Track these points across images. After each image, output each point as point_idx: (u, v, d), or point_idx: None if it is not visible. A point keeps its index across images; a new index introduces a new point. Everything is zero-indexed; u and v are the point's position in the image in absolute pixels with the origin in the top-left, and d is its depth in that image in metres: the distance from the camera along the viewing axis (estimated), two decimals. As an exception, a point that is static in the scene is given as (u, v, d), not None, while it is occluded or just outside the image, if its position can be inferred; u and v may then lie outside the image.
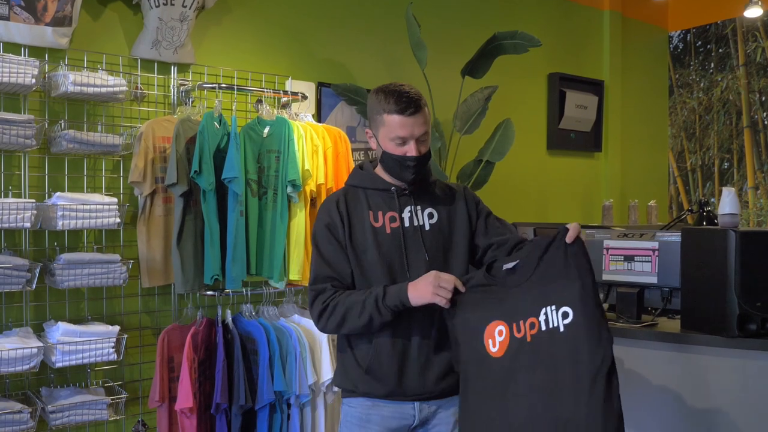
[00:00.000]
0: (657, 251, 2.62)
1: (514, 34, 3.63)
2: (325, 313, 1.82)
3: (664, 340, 2.52)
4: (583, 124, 4.96)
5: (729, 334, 2.33)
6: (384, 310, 1.76)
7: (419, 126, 1.82)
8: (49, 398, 2.71)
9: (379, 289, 1.79)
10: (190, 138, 2.92)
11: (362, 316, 1.78)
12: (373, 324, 1.79)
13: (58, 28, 2.81)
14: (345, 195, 1.92)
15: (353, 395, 1.90)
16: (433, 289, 1.73)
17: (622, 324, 2.61)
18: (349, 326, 1.81)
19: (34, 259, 2.76)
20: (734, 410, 2.37)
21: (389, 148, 1.86)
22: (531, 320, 1.71)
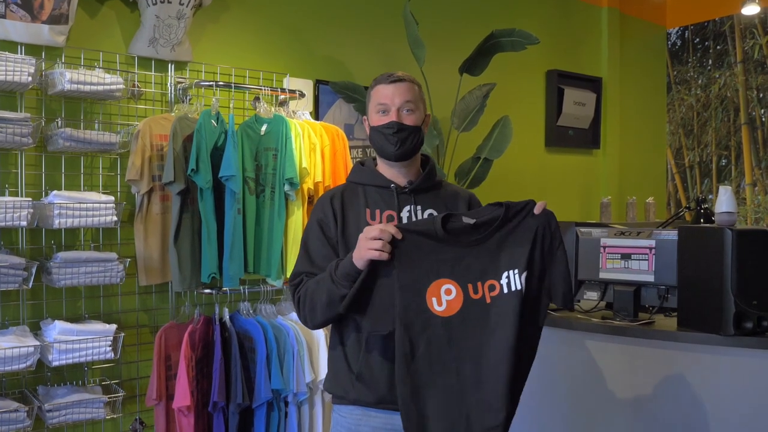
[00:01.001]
0: (654, 249, 2.62)
1: (511, 32, 3.63)
2: (300, 305, 1.75)
3: (661, 338, 2.52)
4: (581, 121, 4.96)
5: (725, 333, 2.33)
6: (338, 280, 1.66)
7: (401, 94, 1.79)
8: (46, 397, 2.71)
9: (334, 262, 1.71)
10: (187, 136, 2.91)
11: (323, 294, 1.69)
12: (333, 299, 1.67)
13: (54, 26, 2.80)
14: (342, 191, 1.86)
15: (343, 402, 1.82)
16: (364, 244, 1.61)
17: (618, 322, 2.62)
18: (320, 310, 1.71)
19: (30, 258, 2.75)
20: (730, 408, 2.38)
21: (374, 121, 1.82)
22: (490, 282, 1.66)
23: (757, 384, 2.35)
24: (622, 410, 2.61)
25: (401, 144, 1.79)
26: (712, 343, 2.39)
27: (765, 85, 5.19)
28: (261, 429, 2.95)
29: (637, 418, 2.56)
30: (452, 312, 1.64)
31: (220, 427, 2.88)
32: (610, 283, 2.73)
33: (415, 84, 1.84)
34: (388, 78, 1.81)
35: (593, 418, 2.68)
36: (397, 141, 1.78)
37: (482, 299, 1.65)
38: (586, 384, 2.71)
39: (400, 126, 1.78)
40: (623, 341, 2.60)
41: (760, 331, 2.35)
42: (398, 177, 1.85)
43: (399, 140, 1.78)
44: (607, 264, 2.73)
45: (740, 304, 2.33)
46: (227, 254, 2.91)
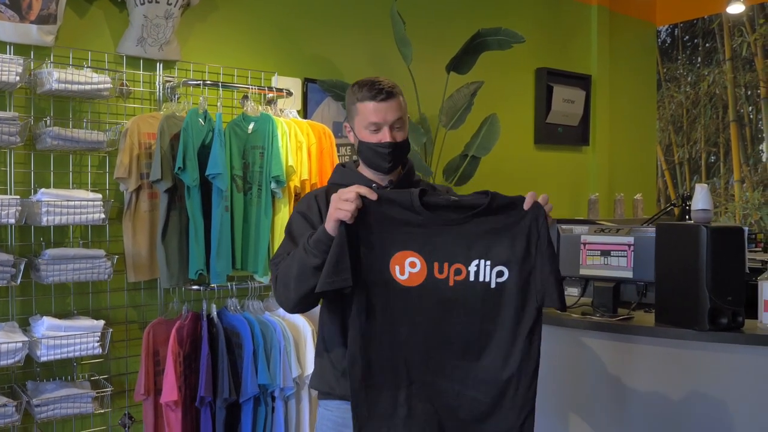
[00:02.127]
0: (632, 246, 2.66)
1: (497, 31, 3.66)
2: (276, 284, 1.75)
3: (638, 334, 2.57)
4: (570, 118, 5.00)
5: (700, 328, 2.37)
6: (310, 249, 1.66)
7: (392, 111, 1.81)
8: (35, 392, 2.75)
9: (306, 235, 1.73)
10: (174, 134, 2.95)
11: (294, 266, 1.69)
12: (305, 270, 1.66)
13: (43, 26, 2.83)
14: (326, 192, 1.86)
15: (330, 398, 1.86)
16: (335, 203, 1.63)
17: (598, 318, 2.66)
18: (293, 284, 1.69)
19: (20, 255, 2.80)
20: (706, 402, 2.42)
21: (364, 137, 1.84)
22: (457, 266, 1.65)
23: (731, 378, 2.39)
24: (601, 405, 2.65)
25: (394, 161, 1.85)
26: (687, 338, 2.43)
27: (753, 83, 5.23)
28: (248, 424, 2.99)
29: (614, 412, 2.61)
30: (413, 284, 1.64)
31: (207, 421, 2.93)
32: (591, 279, 2.78)
33: (401, 95, 1.85)
34: (376, 95, 1.79)
35: (572, 412, 2.73)
36: (391, 159, 1.83)
37: (446, 280, 1.65)
38: (566, 379, 2.75)
39: (394, 145, 1.82)
40: (602, 336, 2.65)
41: (734, 327, 2.39)
42: (380, 178, 1.89)
43: (393, 158, 1.84)
44: (588, 260, 2.77)
45: (715, 299, 2.37)
46: (214, 251, 2.95)
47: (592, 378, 2.68)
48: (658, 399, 2.51)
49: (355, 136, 1.88)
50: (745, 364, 2.38)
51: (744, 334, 2.37)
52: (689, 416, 2.44)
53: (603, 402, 2.65)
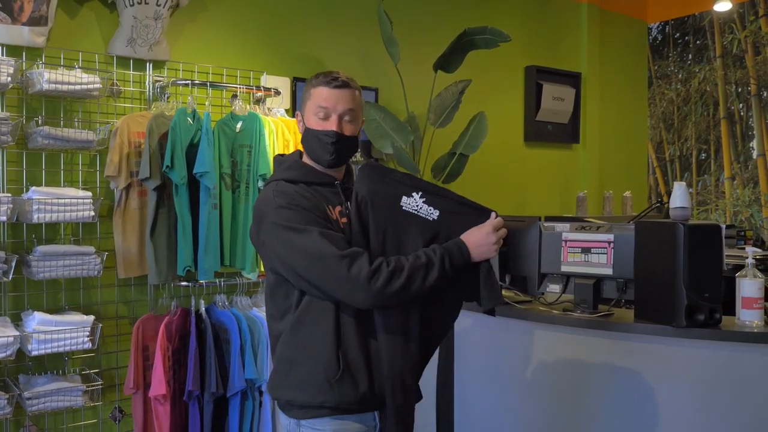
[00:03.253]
0: (612, 243, 2.70)
1: (484, 30, 3.70)
2: (394, 276, 1.63)
3: (617, 330, 2.61)
4: (560, 116, 5.04)
5: (677, 324, 2.40)
6: (450, 270, 1.69)
7: (344, 101, 1.75)
8: (27, 385, 2.81)
9: (441, 250, 1.71)
10: (163, 133, 3.00)
11: (429, 277, 1.66)
12: (442, 282, 1.69)
13: (34, 28, 2.88)
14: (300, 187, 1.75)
15: (320, 413, 1.69)
16: (496, 244, 1.81)
17: (578, 314, 2.71)
18: (417, 291, 1.65)
19: (12, 251, 2.85)
20: (683, 398, 2.46)
21: (311, 123, 1.76)
22: None
23: (708, 374, 2.44)
24: (581, 400, 2.70)
25: (337, 154, 1.76)
26: (665, 334, 2.47)
27: (743, 80, 5.26)
28: (235, 418, 3.05)
29: (594, 408, 2.66)
30: None
31: (195, 415, 2.99)
32: (572, 276, 2.82)
33: (357, 90, 1.80)
34: (332, 81, 1.75)
35: (553, 407, 2.78)
36: (333, 151, 1.75)
37: None
38: (547, 374, 2.80)
39: (339, 136, 1.74)
40: (582, 333, 2.69)
41: (712, 323, 2.43)
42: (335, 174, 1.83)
43: (336, 150, 1.75)
44: (569, 257, 2.81)
45: (692, 296, 2.40)
46: (202, 248, 3.01)
47: (571, 374, 2.72)
48: (637, 394, 2.56)
49: (303, 125, 1.80)
50: (722, 361, 2.42)
51: (720, 330, 2.40)
52: (667, 412, 2.49)
53: (581, 398, 2.70)
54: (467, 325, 3.10)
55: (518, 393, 2.88)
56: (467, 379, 3.10)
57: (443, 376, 3.17)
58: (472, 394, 3.08)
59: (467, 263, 1.72)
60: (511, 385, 2.91)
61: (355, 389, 1.68)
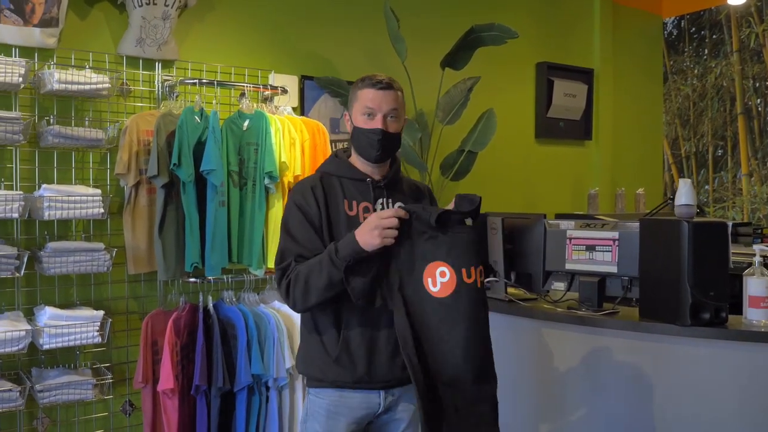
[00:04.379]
0: (617, 241, 2.69)
1: (491, 26, 3.69)
2: (290, 287, 1.83)
3: (620, 328, 2.60)
4: (572, 112, 5.01)
5: (682, 323, 2.39)
6: (339, 263, 1.77)
7: (388, 101, 1.90)
8: (39, 378, 2.87)
9: (332, 246, 1.81)
10: (171, 132, 3.04)
11: (321, 277, 1.79)
12: (334, 282, 1.78)
13: (45, 29, 2.94)
14: (320, 180, 1.96)
15: (321, 385, 1.92)
16: (380, 233, 1.76)
17: (582, 312, 2.70)
18: (315, 293, 1.80)
19: (25, 248, 2.92)
20: (688, 397, 2.44)
21: (359, 123, 1.93)
22: (481, 268, 1.85)
23: (713, 373, 2.42)
24: (585, 398, 2.70)
25: (382, 150, 1.92)
26: (670, 333, 2.45)
27: (761, 75, 5.19)
28: (242, 412, 3.09)
29: (598, 406, 2.65)
30: (445, 295, 1.81)
31: (203, 409, 3.02)
32: (576, 273, 2.81)
33: (400, 91, 1.96)
34: (377, 83, 1.90)
35: (558, 405, 2.78)
36: (380, 147, 1.91)
37: (474, 283, 1.83)
38: (550, 372, 2.80)
39: (385, 133, 1.90)
40: (586, 331, 2.68)
41: (717, 322, 2.40)
42: (373, 172, 1.97)
43: (382, 146, 1.91)
44: (573, 255, 2.80)
45: (697, 295, 2.38)
46: (209, 245, 3.05)
47: (576, 372, 2.72)
48: (641, 393, 2.54)
49: (352, 124, 1.96)
50: (728, 360, 2.40)
51: (726, 329, 2.38)
52: (671, 411, 2.47)
53: (587, 395, 2.69)
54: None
55: (522, 391, 2.88)
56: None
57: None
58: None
59: (357, 251, 1.77)
60: (514, 383, 2.90)
61: (353, 371, 1.88)
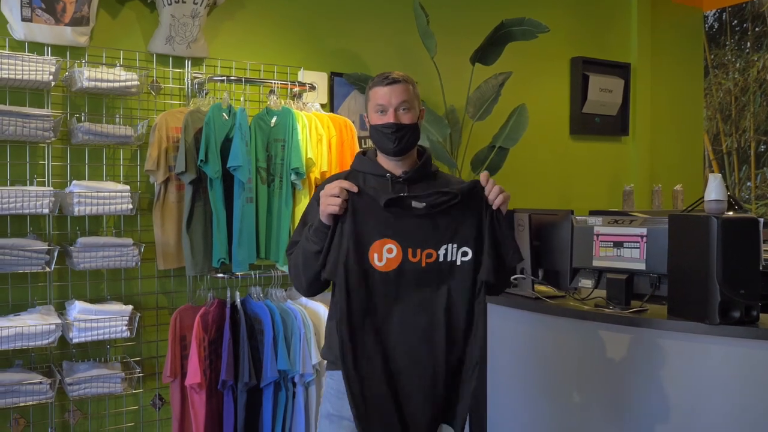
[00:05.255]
0: (645, 238, 2.62)
1: (521, 21, 3.64)
2: (290, 272, 1.97)
3: (648, 327, 2.53)
4: (608, 107, 4.90)
5: (711, 322, 2.32)
6: (310, 237, 1.87)
7: (397, 95, 1.94)
8: (69, 371, 2.93)
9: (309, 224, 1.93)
10: (199, 128, 3.07)
11: (300, 254, 1.91)
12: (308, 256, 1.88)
13: (76, 28, 3.01)
14: (346, 177, 2.00)
15: (335, 367, 1.97)
16: (324, 200, 1.83)
17: (610, 310, 2.64)
18: (302, 270, 1.91)
19: (57, 243, 2.99)
20: (717, 397, 2.37)
21: (373, 120, 1.99)
22: (429, 251, 1.85)
23: (743, 373, 2.34)
24: (612, 398, 2.64)
25: (399, 141, 1.95)
26: (699, 332, 2.39)
27: (807, 68, 4.99)
28: (269, 408, 3.10)
29: (626, 406, 2.59)
30: (390, 268, 1.84)
31: (230, 404, 3.05)
32: (604, 271, 2.75)
33: (410, 83, 1.98)
34: (384, 80, 1.96)
35: (584, 404, 2.72)
36: (395, 139, 1.94)
37: (418, 263, 1.85)
38: (576, 370, 2.75)
39: (398, 126, 1.94)
40: (613, 329, 2.63)
41: (748, 321, 2.33)
42: (395, 167, 2.00)
43: (397, 138, 1.94)
44: (600, 252, 2.74)
45: (726, 292, 2.31)
46: (236, 241, 3.07)
47: (603, 371, 2.66)
48: (670, 393, 2.48)
49: (369, 123, 2.02)
50: (758, 360, 2.32)
51: (757, 328, 2.31)
52: (700, 411, 2.40)
53: (613, 395, 2.63)
54: (498, 320, 3.06)
55: (549, 389, 2.83)
56: (498, 375, 3.07)
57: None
58: (503, 389, 3.05)
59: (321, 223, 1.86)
60: (541, 381, 2.86)
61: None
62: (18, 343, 2.72)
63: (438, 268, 1.86)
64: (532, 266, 2.93)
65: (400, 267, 1.84)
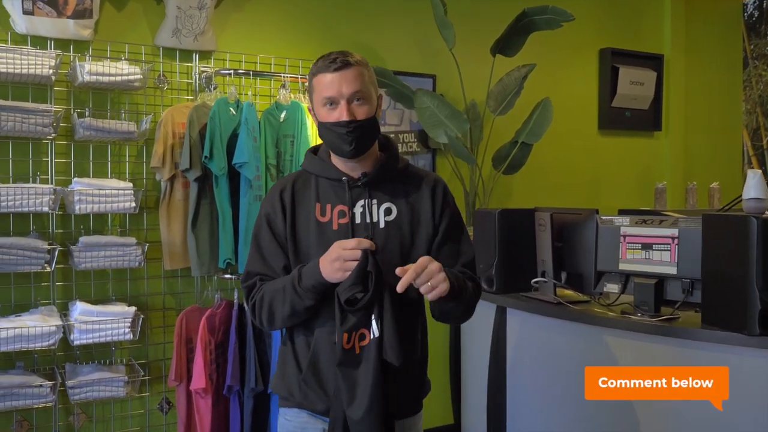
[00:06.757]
0: (677, 239, 2.43)
1: (545, 9, 3.46)
2: (256, 310, 1.65)
3: (679, 336, 2.35)
4: (639, 101, 4.67)
5: (750, 332, 2.15)
6: (303, 293, 1.57)
7: (349, 83, 1.57)
8: (72, 374, 2.85)
9: (296, 271, 1.59)
10: (204, 124, 2.97)
11: (285, 304, 1.59)
12: (298, 310, 1.59)
13: (79, 21, 2.92)
14: (294, 181, 1.70)
15: (288, 404, 1.69)
16: (340, 266, 1.52)
17: (638, 317, 2.45)
18: (280, 319, 1.62)
19: (60, 242, 2.90)
20: (754, 413, 2.18)
21: (322, 116, 1.62)
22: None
23: (784, 388, 2.15)
24: (640, 410, 2.45)
25: (356, 141, 1.60)
26: (736, 343, 2.21)
27: None
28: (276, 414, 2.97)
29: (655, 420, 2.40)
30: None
31: (236, 410, 2.95)
32: (631, 274, 2.56)
33: (363, 66, 1.62)
34: (330, 64, 1.58)
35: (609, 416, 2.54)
36: (352, 140, 1.59)
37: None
38: (603, 381, 2.56)
39: (353, 123, 1.59)
40: (641, 338, 2.45)
41: (792, 331, 2.14)
42: (352, 169, 1.66)
43: (354, 138, 1.59)
44: (628, 254, 2.56)
45: (767, 300, 2.12)
46: (242, 240, 2.95)
47: (629, 381, 2.47)
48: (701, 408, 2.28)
49: (316, 118, 1.66)
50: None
51: (801, 340, 2.12)
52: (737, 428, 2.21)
53: (641, 408, 2.45)
54: (518, 327, 2.90)
55: (571, 399, 2.66)
56: (517, 383, 2.90)
57: (494, 380, 2.99)
58: (524, 398, 2.88)
59: (321, 282, 1.55)
60: (563, 391, 2.69)
61: (321, 399, 1.63)
62: (18, 345, 2.64)
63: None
64: (554, 269, 2.76)
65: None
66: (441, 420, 3.86)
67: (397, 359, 1.54)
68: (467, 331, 3.36)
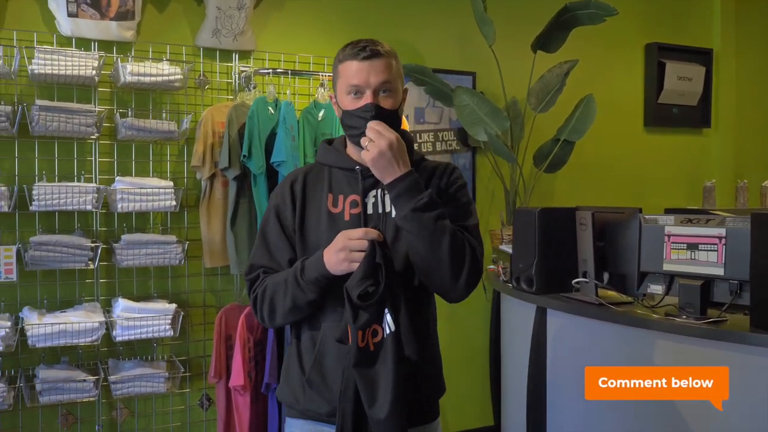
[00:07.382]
0: (724, 239, 2.34)
1: (587, 4, 3.38)
2: (257, 304, 1.60)
3: (729, 340, 2.26)
4: (687, 97, 4.53)
5: (802, 336, 2.05)
6: (305, 286, 1.51)
7: (377, 73, 1.53)
8: (115, 369, 2.90)
9: (299, 263, 1.54)
10: (243, 123, 2.99)
11: (287, 297, 1.54)
12: (300, 305, 1.54)
13: (122, 22, 2.97)
14: (306, 173, 1.66)
15: (292, 412, 1.64)
16: (346, 256, 1.46)
17: (683, 320, 2.37)
18: (281, 314, 1.57)
19: (103, 240, 2.96)
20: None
21: (346, 105, 1.57)
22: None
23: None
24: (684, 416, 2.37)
25: None
26: (787, 346, 2.11)
27: None
28: (314, 412, 2.98)
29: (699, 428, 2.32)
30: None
31: (274, 408, 2.95)
32: (676, 275, 2.48)
33: (393, 58, 1.58)
34: (360, 52, 1.55)
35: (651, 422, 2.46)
36: None
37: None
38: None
39: (378, 110, 1.53)
40: (686, 341, 2.36)
41: None
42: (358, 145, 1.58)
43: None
44: (672, 254, 2.48)
45: (819, 302, 2.03)
46: (280, 239, 2.95)
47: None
48: (752, 417, 2.20)
49: (339, 107, 1.61)
50: None
51: None
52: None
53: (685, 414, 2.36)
54: (559, 329, 2.84)
55: (613, 405, 2.58)
56: (557, 386, 2.84)
57: (533, 381, 2.93)
58: (564, 400, 2.82)
59: (324, 274, 1.50)
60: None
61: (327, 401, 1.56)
62: (62, 341, 2.70)
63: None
64: (596, 269, 2.69)
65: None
66: (481, 421, 3.82)
67: (415, 353, 1.48)
68: (507, 332, 3.31)
